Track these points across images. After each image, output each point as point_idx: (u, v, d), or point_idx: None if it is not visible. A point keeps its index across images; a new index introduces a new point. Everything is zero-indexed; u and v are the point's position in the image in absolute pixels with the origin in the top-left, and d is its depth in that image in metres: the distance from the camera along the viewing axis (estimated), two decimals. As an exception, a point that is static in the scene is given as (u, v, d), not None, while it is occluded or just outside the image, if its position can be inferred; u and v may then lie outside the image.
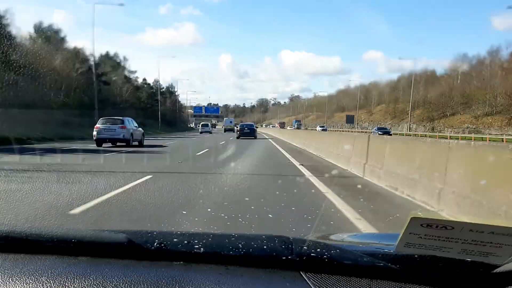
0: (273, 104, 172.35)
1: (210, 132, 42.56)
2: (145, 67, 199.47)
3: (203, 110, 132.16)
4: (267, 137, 25.05)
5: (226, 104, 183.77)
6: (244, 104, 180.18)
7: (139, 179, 5.98)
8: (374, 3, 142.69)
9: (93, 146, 14.81)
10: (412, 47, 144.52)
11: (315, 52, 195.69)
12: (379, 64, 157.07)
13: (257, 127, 32.59)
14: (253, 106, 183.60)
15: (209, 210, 4.11)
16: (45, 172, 7.25)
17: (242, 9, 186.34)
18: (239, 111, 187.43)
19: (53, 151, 12.49)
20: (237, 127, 30.14)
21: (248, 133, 27.34)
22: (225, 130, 52.64)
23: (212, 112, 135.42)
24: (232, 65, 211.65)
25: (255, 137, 26.49)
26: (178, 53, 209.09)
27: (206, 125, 46.30)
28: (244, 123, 32.61)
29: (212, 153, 11.97)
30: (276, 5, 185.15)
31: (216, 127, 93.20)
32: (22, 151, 11.58)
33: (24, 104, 22.43)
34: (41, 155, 10.83)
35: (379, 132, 38.58)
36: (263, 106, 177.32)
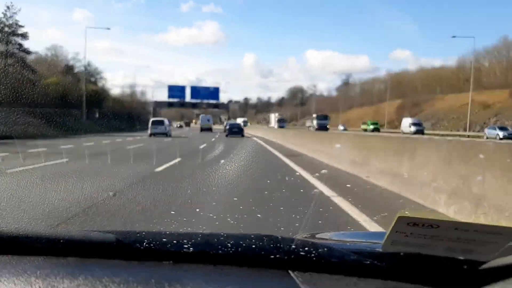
0: (310, 95, 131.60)
1: (168, 135, 31.30)
2: (169, 67, 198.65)
3: (188, 93, 58.44)
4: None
5: (246, 98, 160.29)
6: (269, 97, 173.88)
7: None
8: (401, 2, 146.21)
9: None
10: (439, 46, 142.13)
11: (341, 51, 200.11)
12: (407, 62, 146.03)
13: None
14: (282, 99, 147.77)
15: (197, 210, 4.46)
16: None
17: (264, 8, 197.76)
18: (262, 106, 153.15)
19: None
20: (227, 126, 36.73)
21: (236, 132, 33.07)
22: (202, 130, 49.82)
23: (205, 97, 62.72)
24: (256, 65, 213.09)
25: (243, 136, 32.84)
26: (202, 53, 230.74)
27: (160, 123, 31.91)
28: (233, 122, 41.55)
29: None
30: (300, 3, 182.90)
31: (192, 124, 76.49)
32: None
33: None
34: None
35: None
36: (296, 98, 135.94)
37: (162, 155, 13.15)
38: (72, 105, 41.34)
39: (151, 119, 33.54)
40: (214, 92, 77.71)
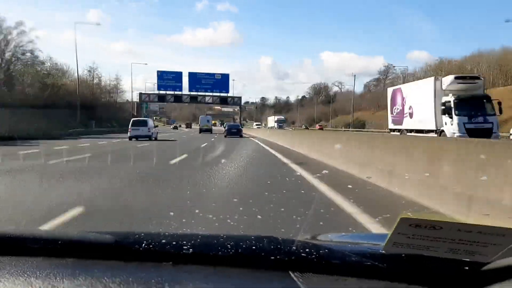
0: (335, 93, 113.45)
1: (151, 138, 26.82)
2: (185, 69, 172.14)
3: (186, 82, 35.20)
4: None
5: (263, 97, 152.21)
6: (287, 97, 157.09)
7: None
8: (418, 2, 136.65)
9: None
10: (458, 47, 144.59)
11: (357, 52, 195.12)
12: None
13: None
14: (303, 98, 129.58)
15: (197, 211, 4.27)
16: None
17: (279, 9, 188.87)
18: (280, 106, 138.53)
19: None
20: (225, 127, 38.86)
21: (235, 132, 33.50)
22: (201, 131, 49.13)
23: (210, 88, 37.76)
24: (271, 67, 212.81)
25: (241, 136, 33.65)
26: (217, 54, 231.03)
27: (142, 124, 27.10)
28: (231, 123, 42.38)
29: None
30: (313, 5, 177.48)
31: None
32: None
33: None
34: None
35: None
36: (319, 95, 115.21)
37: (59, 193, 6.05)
38: None
39: (132, 119, 28.67)
40: (221, 81, 58.97)
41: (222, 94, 60.02)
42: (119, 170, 9.54)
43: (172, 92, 59.14)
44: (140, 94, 60.06)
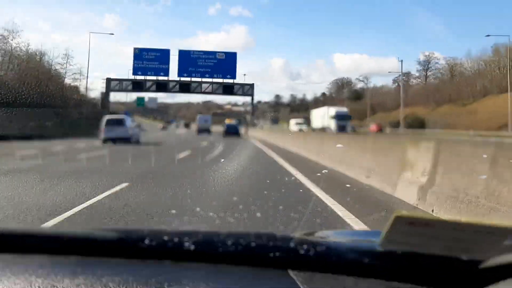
0: (360, 88, 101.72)
1: (132, 140, 22.99)
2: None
3: (175, 65, 8.69)
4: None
5: (278, 95, 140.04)
6: (304, 95, 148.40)
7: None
8: (430, 4, 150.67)
9: None
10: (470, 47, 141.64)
11: (369, 53, 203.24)
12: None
13: None
14: (321, 95, 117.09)
15: (198, 209, 4.72)
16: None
17: (291, 10, 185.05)
18: (296, 105, 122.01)
19: None
20: (224, 128, 39.68)
21: (233, 132, 35.92)
22: (199, 131, 46.91)
23: (210, 72, 14.33)
24: (284, 67, 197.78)
25: (239, 136, 36.35)
26: None
27: (117, 123, 22.61)
28: (230, 124, 41.33)
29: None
30: (326, 7, 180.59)
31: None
32: None
33: None
34: None
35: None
36: (341, 92, 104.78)
37: None
38: None
39: (106, 117, 23.61)
40: (225, 64, 41.28)
41: (227, 81, 43.68)
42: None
43: (153, 78, 43.00)
44: (108, 80, 42.51)
